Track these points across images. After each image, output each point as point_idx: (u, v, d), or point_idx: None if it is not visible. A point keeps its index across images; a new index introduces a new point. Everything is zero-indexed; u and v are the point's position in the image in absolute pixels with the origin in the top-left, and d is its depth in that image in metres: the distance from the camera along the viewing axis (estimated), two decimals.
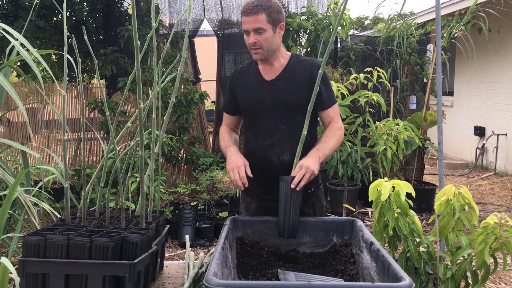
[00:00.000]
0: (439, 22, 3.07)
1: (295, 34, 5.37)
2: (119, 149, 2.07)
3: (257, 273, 1.58)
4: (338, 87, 4.04)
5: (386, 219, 1.87)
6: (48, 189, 3.62)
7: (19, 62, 5.11)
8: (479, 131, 7.48)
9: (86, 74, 6.25)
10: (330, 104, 1.94)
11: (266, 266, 1.63)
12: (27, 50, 2.23)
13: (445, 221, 1.84)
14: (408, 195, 1.82)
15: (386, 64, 5.98)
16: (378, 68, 4.33)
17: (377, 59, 6.02)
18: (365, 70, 4.58)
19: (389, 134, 4.16)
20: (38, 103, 6.10)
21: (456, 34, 5.24)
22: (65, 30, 1.58)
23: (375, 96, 4.03)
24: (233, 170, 1.78)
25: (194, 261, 1.87)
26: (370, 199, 1.91)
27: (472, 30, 5.39)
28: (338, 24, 4.99)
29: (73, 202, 2.67)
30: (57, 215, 2.39)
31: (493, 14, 5.32)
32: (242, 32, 1.89)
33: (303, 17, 5.40)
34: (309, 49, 5.31)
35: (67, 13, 4.98)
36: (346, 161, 4.14)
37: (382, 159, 4.12)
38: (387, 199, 1.84)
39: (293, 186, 1.69)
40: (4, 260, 1.55)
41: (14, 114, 6.00)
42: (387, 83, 4.63)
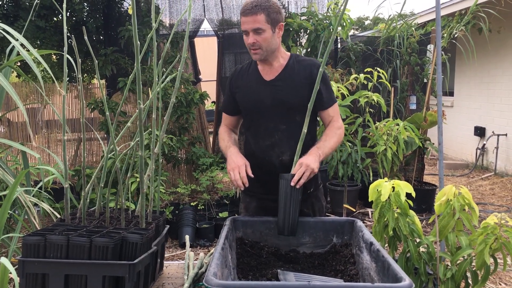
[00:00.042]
0: (439, 23, 3.08)
1: (295, 35, 5.37)
2: (119, 149, 2.07)
3: (257, 274, 1.58)
4: (338, 88, 4.04)
5: (386, 220, 1.87)
6: (48, 189, 3.62)
7: (20, 62, 5.11)
8: (479, 132, 7.48)
9: (87, 74, 6.26)
10: (330, 104, 1.94)
11: (266, 267, 1.63)
12: (27, 51, 2.23)
13: (445, 222, 1.84)
14: (408, 196, 1.82)
15: (386, 65, 5.98)
16: (378, 69, 4.33)
17: (377, 60, 6.01)
18: (365, 71, 4.58)
19: (389, 135, 4.16)
20: (38, 103, 6.10)
21: (456, 35, 5.24)
22: (65, 31, 1.58)
23: (375, 97, 4.03)
24: (234, 170, 1.78)
25: (194, 262, 1.87)
26: (370, 200, 1.91)
27: (472, 31, 5.38)
28: (338, 24, 4.99)
29: (73, 202, 2.67)
30: (57, 215, 2.39)
31: (493, 15, 5.32)
32: (242, 33, 1.89)
33: (303, 18, 5.40)
34: (309, 50, 5.31)
35: (68, 13, 4.98)
36: (346, 162, 4.14)
37: (382, 160, 4.12)
38: (387, 200, 1.84)
39: (293, 184, 1.69)
40: (4, 261, 1.55)
41: (14, 114, 6.01)
42: (387, 84, 4.63)
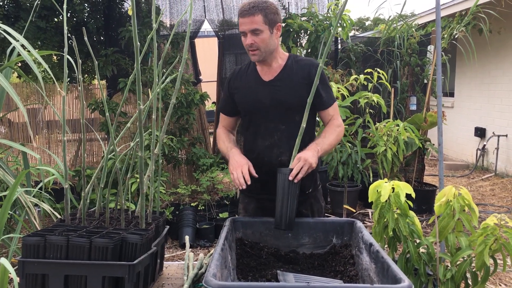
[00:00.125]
0: (439, 23, 3.09)
1: (296, 35, 5.37)
2: (120, 150, 2.07)
3: (257, 274, 1.58)
4: (339, 88, 4.04)
5: (386, 220, 1.87)
6: (49, 190, 3.62)
7: (20, 63, 5.12)
8: (480, 132, 7.47)
9: (87, 75, 6.26)
10: (330, 103, 1.95)
11: (266, 267, 1.63)
12: (28, 51, 2.23)
13: (445, 222, 1.85)
14: (408, 196, 1.82)
15: (387, 65, 5.98)
16: (379, 69, 4.33)
17: (378, 60, 6.01)
18: (366, 71, 4.58)
19: (389, 135, 4.16)
20: (39, 104, 6.10)
21: (457, 35, 5.24)
22: (65, 31, 1.58)
23: (375, 97, 4.03)
24: (237, 169, 1.78)
25: (194, 262, 1.87)
26: (370, 200, 1.91)
27: (473, 31, 5.38)
28: (337, 24, 4.98)
29: (73, 203, 2.67)
30: (58, 216, 2.40)
31: (494, 15, 5.31)
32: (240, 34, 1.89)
33: (304, 18, 5.40)
34: (310, 50, 5.31)
35: (68, 14, 4.99)
36: (346, 162, 4.14)
37: (382, 160, 4.12)
38: (387, 200, 1.84)
39: (291, 178, 1.69)
40: (4, 261, 1.55)
41: (15, 115, 6.01)
42: (388, 84, 4.63)
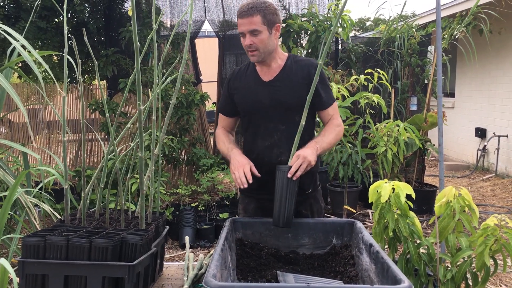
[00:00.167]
0: (440, 24, 3.08)
1: (296, 36, 5.37)
2: (120, 150, 2.07)
3: (257, 275, 1.58)
4: (339, 89, 4.04)
5: (386, 221, 1.87)
6: (49, 190, 3.62)
7: (21, 63, 5.12)
8: (480, 133, 7.47)
9: (88, 75, 6.26)
10: (330, 103, 1.95)
11: (266, 268, 1.63)
12: (28, 52, 2.24)
13: (445, 223, 1.84)
14: (409, 197, 1.82)
15: (387, 66, 5.98)
16: (379, 70, 4.33)
17: (378, 61, 6.01)
18: (366, 72, 4.58)
19: (390, 136, 4.15)
20: (39, 104, 6.11)
21: (457, 36, 5.23)
22: (66, 31, 1.58)
23: (376, 98, 4.03)
24: (238, 169, 1.78)
25: (194, 263, 1.87)
26: (370, 201, 1.91)
27: (473, 32, 5.37)
28: (337, 24, 4.97)
29: (74, 203, 2.67)
30: (58, 216, 2.39)
31: (494, 16, 5.31)
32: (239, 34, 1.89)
33: (304, 19, 5.40)
34: (310, 51, 5.31)
35: (69, 15, 4.99)
36: (347, 163, 4.14)
37: (383, 161, 4.12)
38: (387, 201, 1.84)
39: (290, 176, 1.69)
40: (4, 262, 1.55)
41: (15, 115, 6.02)
42: (388, 85, 4.63)
